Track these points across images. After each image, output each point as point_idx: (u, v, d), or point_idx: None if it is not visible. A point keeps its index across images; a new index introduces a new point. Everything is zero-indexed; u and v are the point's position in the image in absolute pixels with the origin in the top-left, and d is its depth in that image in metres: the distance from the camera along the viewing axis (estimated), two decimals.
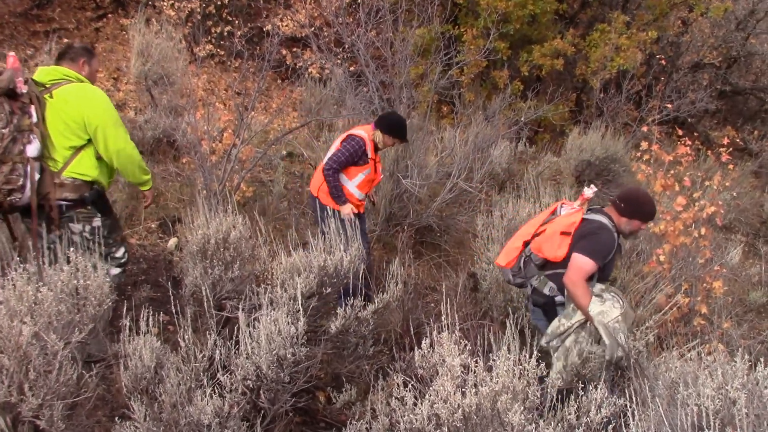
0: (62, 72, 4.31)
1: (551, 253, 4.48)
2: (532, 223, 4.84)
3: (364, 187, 5.90)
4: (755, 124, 16.54)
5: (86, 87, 4.34)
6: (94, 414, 3.78)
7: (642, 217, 4.59)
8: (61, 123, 4.21)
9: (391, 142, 5.95)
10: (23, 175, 4.06)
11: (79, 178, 4.31)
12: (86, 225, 4.40)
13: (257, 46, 10.49)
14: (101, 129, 4.27)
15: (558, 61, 12.21)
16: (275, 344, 3.46)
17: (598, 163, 10.76)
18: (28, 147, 4.07)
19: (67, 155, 4.28)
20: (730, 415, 2.86)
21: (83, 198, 4.35)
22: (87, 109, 4.23)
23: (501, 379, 3.08)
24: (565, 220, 4.53)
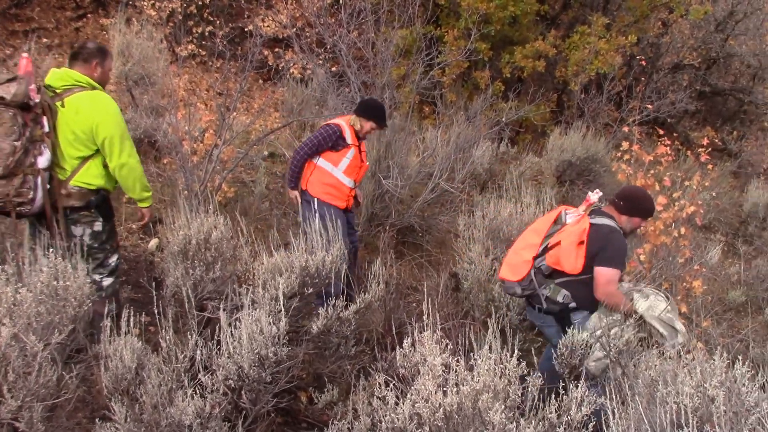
0: (74, 78, 4.32)
1: (570, 266, 4.44)
2: (534, 231, 4.77)
3: (352, 172, 5.90)
4: (734, 125, 16.70)
5: (97, 97, 4.35)
6: (75, 415, 3.75)
7: (642, 214, 4.63)
8: (71, 133, 4.25)
9: (370, 126, 5.94)
10: (33, 187, 4.10)
11: (85, 187, 4.36)
12: (87, 228, 4.45)
13: (239, 47, 10.46)
14: (108, 141, 4.30)
15: (539, 63, 12.26)
16: (257, 344, 3.45)
17: (579, 164, 10.82)
18: (39, 159, 4.12)
19: (75, 164, 4.32)
20: (708, 412, 2.89)
21: (89, 203, 4.40)
22: (96, 121, 4.26)
23: (482, 378, 3.09)
24: (576, 229, 4.48)
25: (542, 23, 13.90)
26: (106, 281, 4.63)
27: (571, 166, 10.85)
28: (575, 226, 4.51)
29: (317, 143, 5.78)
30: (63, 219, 4.33)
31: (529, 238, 4.74)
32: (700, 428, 2.74)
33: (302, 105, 10.64)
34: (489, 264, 5.94)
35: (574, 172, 10.88)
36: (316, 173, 5.87)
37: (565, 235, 4.50)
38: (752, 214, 12.38)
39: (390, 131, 8.04)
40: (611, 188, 10.48)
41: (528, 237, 4.78)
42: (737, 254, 10.49)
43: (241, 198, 7.93)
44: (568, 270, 4.45)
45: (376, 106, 6.02)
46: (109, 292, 4.63)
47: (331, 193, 5.87)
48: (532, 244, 4.67)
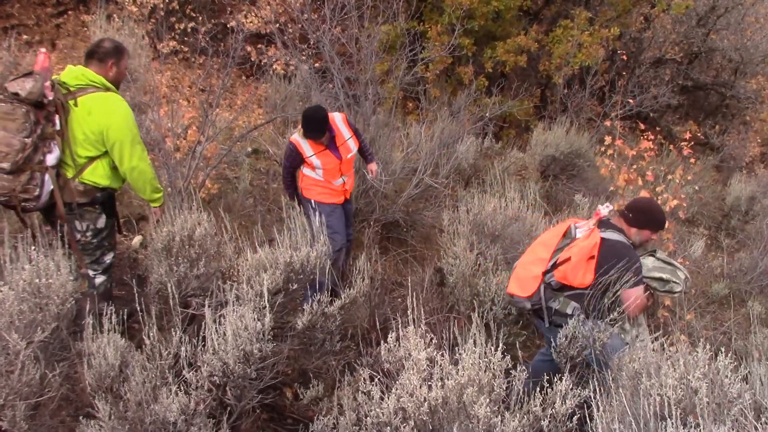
0: (89, 77, 4.33)
1: (579, 281, 4.39)
2: (543, 245, 4.71)
3: (332, 173, 5.86)
4: (716, 119, 16.79)
5: (110, 99, 4.36)
6: (58, 414, 3.74)
7: (652, 227, 4.55)
8: (81, 133, 4.27)
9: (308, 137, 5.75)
10: (40, 184, 4.14)
11: (91, 185, 4.39)
12: (90, 224, 4.47)
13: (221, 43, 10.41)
14: (119, 145, 4.33)
15: (521, 58, 12.27)
16: (241, 340, 3.45)
17: (562, 158, 10.85)
18: (48, 156, 4.16)
19: (82, 163, 4.35)
20: (691, 404, 2.91)
21: (94, 199, 4.43)
22: (107, 124, 4.28)
23: (467, 372, 3.10)
24: (587, 244, 4.41)
25: (525, 18, 13.93)
26: (99, 278, 4.65)
27: (554, 161, 10.88)
28: (585, 241, 4.43)
29: (288, 163, 5.85)
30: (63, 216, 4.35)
31: (539, 252, 4.67)
32: (683, 420, 2.76)
33: (286, 101, 10.61)
34: (473, 259, 5.94)
35: (557, 167, 10.91)
36: (305, 180, 5.93)
37: (576, 250, 4.42)
38: (735, 207, 12.46)
39: (374, 127, 8.03)
40: (595, 183, 10.56)
41: (537, 250, 4.71)
42: (720, 247, 10.55)
43: (224, 194, 7.90)
44: (576, 284, 4.40)
45: (304, 119, 5.72)
46: (101, 290, 4.65)
47: (323, 192, 5.89)
48: (541, 259, 4.60)
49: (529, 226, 6.41)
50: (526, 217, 6.43)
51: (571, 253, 4.43)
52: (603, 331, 4.12)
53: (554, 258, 4.55)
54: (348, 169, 6.01)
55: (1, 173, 4.00)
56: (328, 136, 5.75)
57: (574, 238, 4.55)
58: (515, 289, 4.66)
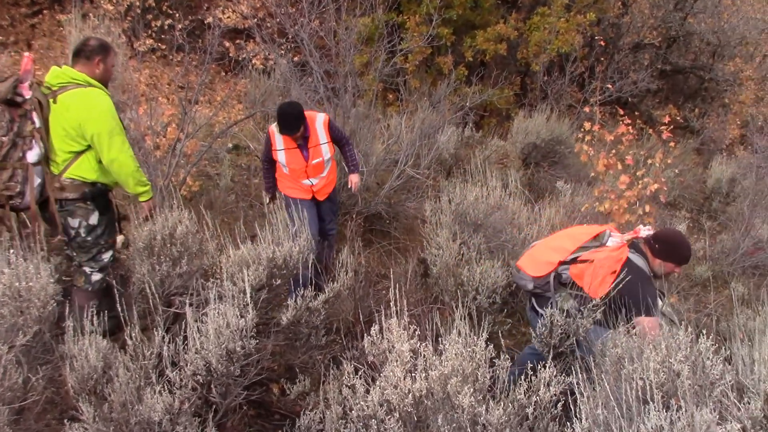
0: (71, 75, 4.36)
1: (593, 289, 4.30)
2: (570, 237, 4.65)
3: (298, 174, 5.79)
4: (696, 102, 16.89)
5: (89, 94, 4.36)
6: (43, 417, 3.73)
7: (676, 260, 4.44)
8: (61, 129, 4.31)
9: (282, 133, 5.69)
10: (22, 181, 4.22)
11: (78, 179, 4.41)
12: (83, 221, 4.48)
13: (199, 39, 10.38)
14: (96, 137, 4.33)
15: (501, 46, 12.30)
16: (224, 338, 3.44)
17: (543, 146, 10.89)
18: (28, 153, 4.24)
19: (68, 158, 4.38)
20: (674, 387, 2.93)
21: (84, 194, 4.43)
22: (84, 118, 4.29)
23: (451, 362, 3.10)
24: (614, 256, 4.35)
25: (503, 6, 13.95)
26: (96, 276, 4.64)
27: (536, 148, 10.92)
28: (614, 252, 4.38)
29: (264, 153, 5.84)
30: (55, 214, 4.40)
31: (563, 242, 4.62)
32: (665, 403, 2.78)
33: (265, 96, 10.57)
34: (457, 248, 5.95)
35: (539, 154, 10.95)
36: (278, 171, 5.90)
37: (602, 257, 4.36)
38: (716, 189, 12.55)
39: (354, 119, 8.02)
40: (576, 169, 10.60)
41: (562, 240, 4.66)
42: (702, 230, 10.62)
43: (206, 191, 7.87)
44: (587, 290, 4.33)
45: (278, 114, 5.63)
46: (96, 287, 4.64)
47: (292, 186, 5.85)
48: (563, 248, 4.55)
49: (511, 214, 6.42)
50: (508, 205, 6.44)
51: (595, 257, 4.38)
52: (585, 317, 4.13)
53: (577, 254, 4.50)
54: (316, 172, 5.87)
55: None
56: (302, 134, 5.67)
57: (603, 244, 4.52)
58: (527, 266, 4.62)
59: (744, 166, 12.87)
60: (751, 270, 9.09)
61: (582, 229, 4.76)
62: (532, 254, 4.71)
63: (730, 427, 2.52)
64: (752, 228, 9.48)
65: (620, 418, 2.71)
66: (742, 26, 16.01)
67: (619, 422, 2.68)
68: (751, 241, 9.25)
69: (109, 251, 4.70)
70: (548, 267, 4.53)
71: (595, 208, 6.58)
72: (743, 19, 16.00)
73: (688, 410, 2.59)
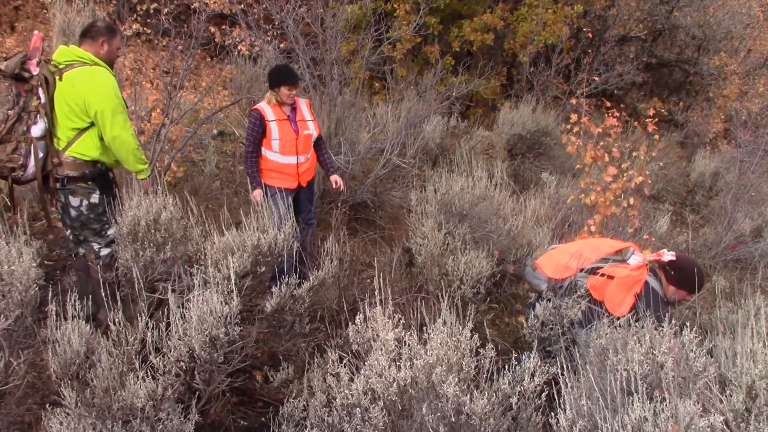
0: (77, 54, 4.49)
1: (613, 306, 4.28)
2: (594, 247, 4.65)
3: (288, 148, 5.76)
4: (680, 96, 16.95)
5: (94, 71, 4.47)
6: (24, 402, 3.70)
7: (690, 289, 4.42)
8: (66, 105, 4.42)
9: (283, 93, 5.73)
10: (25, 154, 4.35)
11: (80, 158, 4.51)
12: (84, 200, 4.59)
13: (185, 24, 10.29)
14: (100, 114, 4.43)
15: (488, 36, 12.27)
16: (207, 324, 3.42)
17: (529, 137, 10.91)
18: (33, 127, 4.37)
19: (71, 135, 4.49)
20: (657, 378, 2.94)
21: (84, 174, 4.55)
22: (88, 95, 4.39)
23: (435, 351, 3.10)
24: (634, 275, 4.36)
25: None
26: (104, 251, 4.75)
27: (521, 139, 10.93)
28: (635, 272, 4.39)
29: (252, 135, 5.74)
30: (53, 187, 4.52)
31: (586, 251, 4.61)
32: (649, 394, 2.79)
33: (251, 82, 10.51)
34: (442, 238, 5.95)
35: (524, 145, 10.96)
36: (263, 161, 5.84)
37: (624, 275, 4.36)
38: (699, 183, 12.62)
39: (340, 107, 7.99)
40: (561, 161, 10.62)
41: (585, 248, 4.65)
42: (685, 223, 10.68)
43: (191, 177, 7.83)
44: (608, 307, 4.29)
45: (273, 72, 5.82)
46: (106, 260, 4.72)
47: (275, 177, 5.81)
48: (585, 258, 4.54)
49: (496, 204, 6.43)
50: (493, 195, 6.45)
51: (615, 273, 4.38)
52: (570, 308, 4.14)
53: (597, 264, 4.50)
54: (305, 150, 5.88)
55: None
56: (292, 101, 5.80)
57: (625, 260, 4.52)
58: (545, 267, 4.62)
59: (727, 160, 12.95)
60: (732, 263, 9.15)
61: (606, 242, 4.76)
62: (552, 256, 4.71)
63: (712, 419, 2.53)
64: (735, 222, 9.54)
65: (604, 408, 2.71)
66: (727, 20, 16.09)
67: (603, 413, 2.69)
68: (734, 235, 9.30)
69: (112, 228, 4.72)
70: (567, 272, 4.53)
71: (581, 200, 6.59)
72: (729, 13, 16.07)
73: (672, 402, 2.60)
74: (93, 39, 4.55)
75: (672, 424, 2.53)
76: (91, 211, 4.61)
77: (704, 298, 7.53)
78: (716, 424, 2.52)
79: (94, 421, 3.08)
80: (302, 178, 5.91)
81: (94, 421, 3.08)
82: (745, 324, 3.07)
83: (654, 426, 2.58)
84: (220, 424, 4.06)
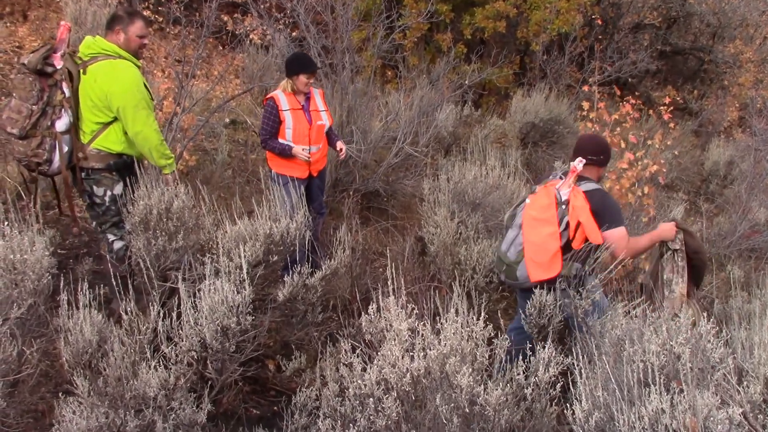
0: (101, 46, 4.49)
1: (596, 238, 4.29)
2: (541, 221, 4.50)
3: (301, 137, 5.75)
4: (695, 84, 16.79)
5: (116, 65, 4.47)
6: (37, 390, 3.71)
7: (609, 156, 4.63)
8: (89, 100, 4.44)
9: (301, 81, 5.72)
10: (50, 149, 4.36)
11: (104, 150, 4.53)
12: (107, 191, 4.61)
13: (196, 12, 10.26)
14: (122, 110, 4.44)
15: (500, 23, 12.17)
16: (219, 314, 3.41)
17: (542, 125, 10.84)
18: (57, 122, 4.37)
19: (95, 129, 4.51)
20: (674, 369, 2.91)
21: (109, 165, 4.58)
22: (110, 90, 4.41)
23: (449, 341, 3.08)
24: (581, 204, 4.35)
25: None
26: (118, 243, 4.76)
27: (534, 127, 10.87)
28: (577, 201, 4.37)
29: (267, 125, 5.72)
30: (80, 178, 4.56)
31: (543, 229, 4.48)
32: (666, 386, 2.76)
33: (263, 71, 10.50)
34: (454, 227, 5.92)
35: (537, 133, 10.90)
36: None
37: (581, 213, 4.34)
38: (713, 172, 12.53)
39: (352, 96, 7.95)
40: None
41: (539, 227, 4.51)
42: (699, 212, 10.61)
43: (202, 166, 7.83)
44: (593, 241, 4.29)
45: (292, 60, 5.82)
46: (120, 254, 4.73)
47: (287, 165, 5.79)
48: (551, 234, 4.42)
49: (509, 193, 6.39)
50: (506, 184, 6.42)
51: (578, 217, 4.35)
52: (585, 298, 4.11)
53: (562, 227, 4.42)
54: (317, 140, 5.88)
55: (15, 138, 4.27)
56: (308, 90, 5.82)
57: (565, 202, 4.50)
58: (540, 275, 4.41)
59: (742, 148, 12.85)
60: (747, 253, 9.08)
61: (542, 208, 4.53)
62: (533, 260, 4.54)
63: (731, 411, 2.50)
64: (749, 211, 9.45)
65: (621, 400, 2.68)
66: (743, 8, 15.92)
67: (620, 404, 2.66)
68: (748, 224, 9.22)
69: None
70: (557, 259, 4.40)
71: None
72: (744, 0, 15.90)
73: (689, 393, 2.57)
74: (110, 29, 4.54)
75: (690, 416, 2.50)
76: (113, 203, 4.61)
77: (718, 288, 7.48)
78: (734, 416, 2.49)
79: (106, 410, 3.08)
80: (314, 167, 5.90)
81: (106, 410, 3.08)
82: (762, 314, 3.04)
83: (671, 418, 2.55)
84: (232, 413, 4.06)
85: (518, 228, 4.58)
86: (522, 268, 4.48)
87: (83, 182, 4.56)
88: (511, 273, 4.56)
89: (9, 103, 4.26)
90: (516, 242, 4.57)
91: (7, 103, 4.29)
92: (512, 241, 4.62)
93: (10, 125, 4.22)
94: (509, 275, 4.58)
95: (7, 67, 8.44)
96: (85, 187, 4.58)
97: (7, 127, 4.23)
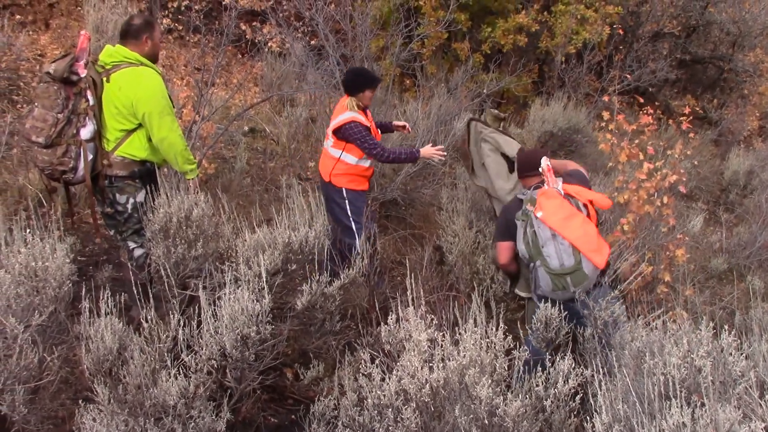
0: (123, 54, 4.53)
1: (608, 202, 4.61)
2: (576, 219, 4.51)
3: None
4: (714, 93, 16.68)
5: (140, 73, 4.50)
6: (58, 397, 3.72)
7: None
8: (114, 107, 4.47)
9: (368, 96, 5.77)
10: (75, 157, 4.38)
11: (128, 158, 4.57)
12: (130, 198, 4.63)
13: (216, 21, 10.33)
14: (147, 116, 4.46)
15: (521, 37, 12.09)
16: (238, 323, 3.42)
17: (560, 134, 10.80)
18: (82, 130, 4.39)
19: (119, 136, 4.54)
20: (695, 383, 2.89)
21: (132, 172, 4.61)
22: (136, 97, 4.43)
23: (468, 352, 3.08)
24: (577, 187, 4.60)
25: None
26: (138, 251, 4.78)
27: (552, 136, 10.83)
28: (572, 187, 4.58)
29: (370, 136, 5.66)
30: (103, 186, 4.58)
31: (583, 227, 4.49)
32: (687, 399, 2.74)
33: (281, 79, 10.55)
34: (473, 237, 5.92)
35: (556, 142, 10.86)
36: (340, 166, 5.77)
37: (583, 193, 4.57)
38: (733, 181, 12.42)
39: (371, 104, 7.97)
40: (593, 158, 10.51)
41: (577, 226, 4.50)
42: (719, 222, 10.53)
43: (221, 174, 7.86)
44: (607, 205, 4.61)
45: (356, 77, 5.80)
46: (140, 262, 4.76)
47: (356, 180, 5.82)
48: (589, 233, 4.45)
49: None
50: None
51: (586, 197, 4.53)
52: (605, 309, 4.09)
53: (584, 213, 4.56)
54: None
55: (39, 147, 4.27)
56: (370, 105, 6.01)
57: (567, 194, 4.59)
58: (602, 259, 4.40)
59: (762, 158, 12.74)
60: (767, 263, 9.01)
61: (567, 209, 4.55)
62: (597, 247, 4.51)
63: (753, 425, 2.48)
64: None
65: (641, 413, 2.67)
66: (763, 16, 15.79)
67: (640, 417, 2.64)
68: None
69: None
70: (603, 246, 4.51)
71: (614, 198, 6.50)
72: (765, 8, 15.79)
73: (711, 407, 2.55)
74: (136, 38, 4.56)
75: (711, 430, 2.48)
76: (135, 210, 4.63)
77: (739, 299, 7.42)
78: (757, 430, 2.46)
79: (126, 418, 3.09)
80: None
81: (126, 417, 3.09)
82: None
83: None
84: (251, 421, 4.07)
85: (552, 238, 4.48)
86: (586, 263, 4.36)
87: (106, 190, 4.58)
88: (579, 276, 4.38)
89: (32, 113, 4.27)
90: (562, 249, 4.45)
91: (29, 112, 4.31)
92: (557, 251, 4.50)
93: (35, 134, 4.22)
94: (579, 280, 4.38)
95: (29, 75, 8.51)
96: (108, 194, 4.60)
97: (31, 136, 4.23)
